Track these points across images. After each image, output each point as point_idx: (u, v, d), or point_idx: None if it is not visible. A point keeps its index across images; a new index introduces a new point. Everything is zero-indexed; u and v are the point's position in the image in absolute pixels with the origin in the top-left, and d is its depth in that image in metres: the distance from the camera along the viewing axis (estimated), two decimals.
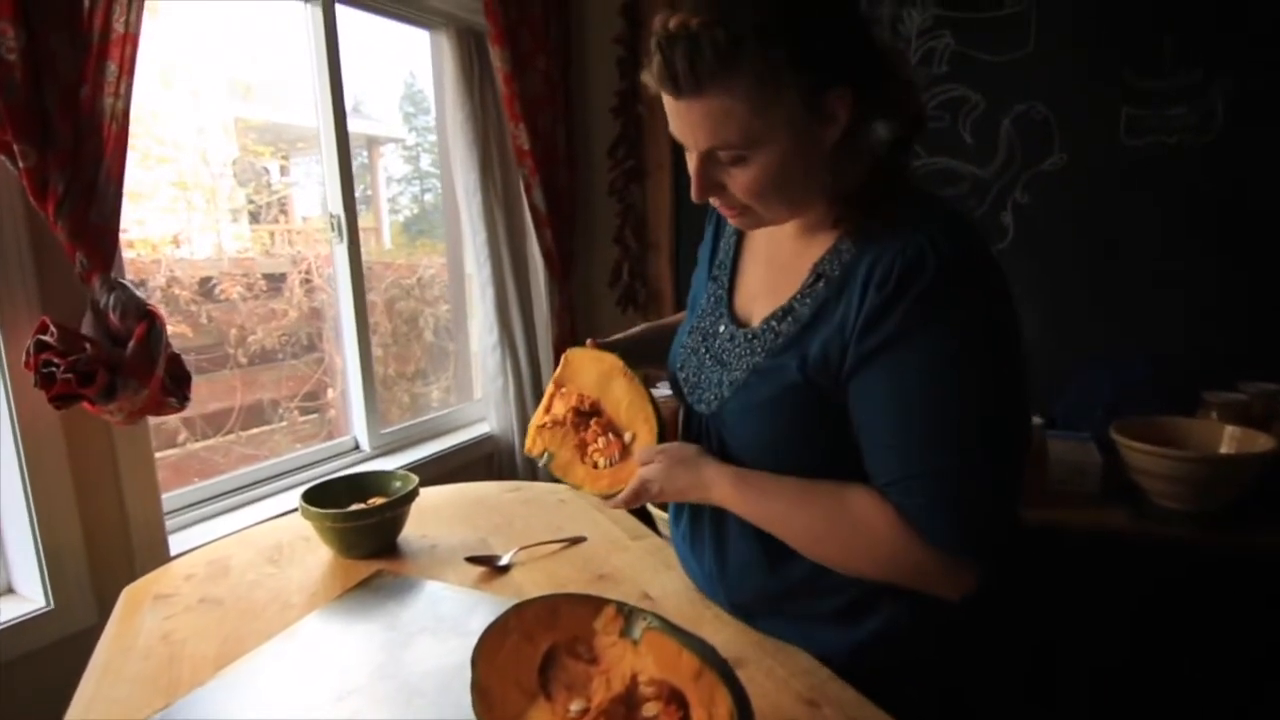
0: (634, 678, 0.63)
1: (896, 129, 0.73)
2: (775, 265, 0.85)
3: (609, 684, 0.63)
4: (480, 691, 0.64)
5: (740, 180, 0.72)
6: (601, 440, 0.92)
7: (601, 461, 0.91)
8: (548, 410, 0.97)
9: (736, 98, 0.66)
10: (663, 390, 1.74)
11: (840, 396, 0.74)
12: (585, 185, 2.43)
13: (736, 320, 0.87)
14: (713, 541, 0.89)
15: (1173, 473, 1.50)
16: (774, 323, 0.80)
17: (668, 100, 0.71)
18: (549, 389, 1.00)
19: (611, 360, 0.95)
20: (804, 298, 0.78)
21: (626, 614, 0.66)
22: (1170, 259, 1.85)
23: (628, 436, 0.91)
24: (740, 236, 0.93)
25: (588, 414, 0.94)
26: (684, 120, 0.71)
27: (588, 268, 2.48)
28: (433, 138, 2.28)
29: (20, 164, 1.06)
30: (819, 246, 0.78)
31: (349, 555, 1.08)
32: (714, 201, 0.78)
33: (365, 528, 1.07)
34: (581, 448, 0.93)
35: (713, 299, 0.92)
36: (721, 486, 0.80)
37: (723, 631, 0.86)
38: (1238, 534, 1.51)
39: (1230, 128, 1.77)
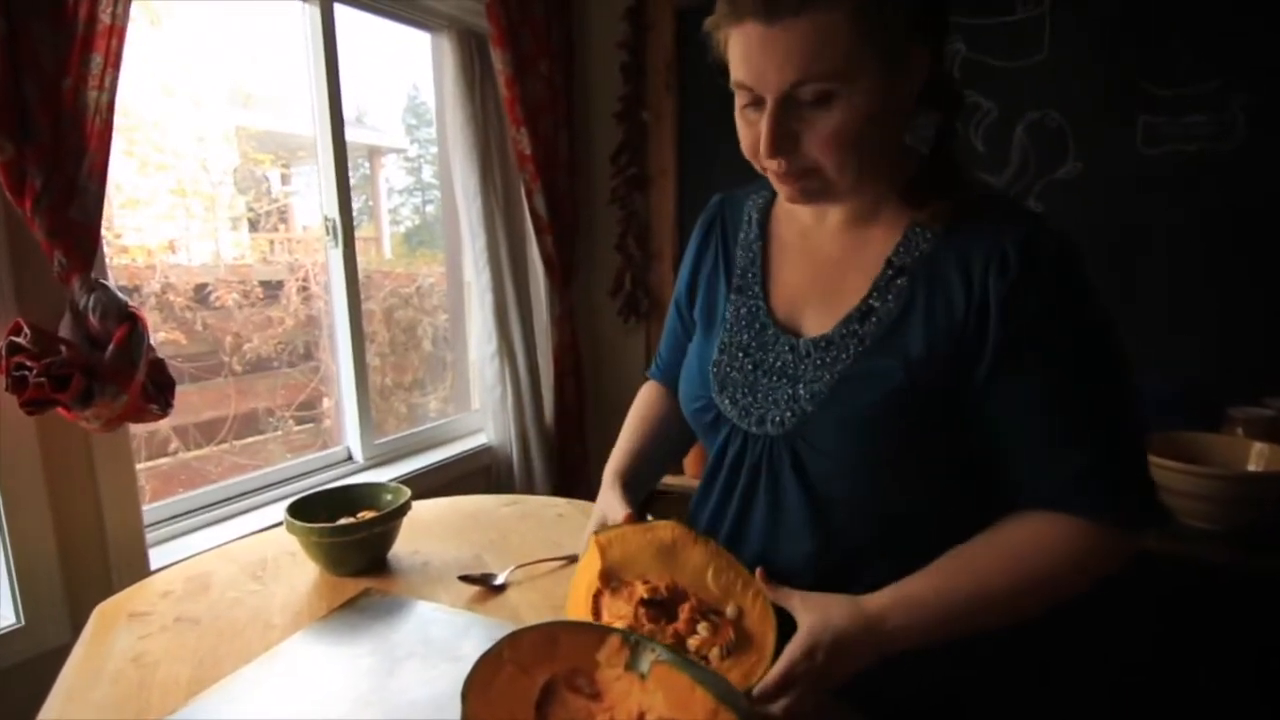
0: (641, 716, 0.57)
1: (947, 112, 0.72)
2: (822, 264, 0.78)
3: None
4: None
5: (822, 127, 0.65)
6: (702, 627, 0.70)
7: (715, 653, 0.69)
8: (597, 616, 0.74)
9: (842, 14, 0.61)
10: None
11: (957, 398, 0.69)
12: (587, 192, 2.38)
13: (785, 328, 0.79)
14: (763, 556, 0.78)
15: (1200, 490, 1.44)
16: (853, 325, 0.73)
17: (747, 37, 0.64)
18: (586, 589, 0.76)
19: (666, 527, 0.77)
20: (884, 295, 0.72)
21: (633, 645, 0.60)
22: (1190, 269, 1.80)
23: (730, 611, 0.72)
24: (765, 242, 0.84)
25: (662, 602, 0.73)
26: (772, 51, 0.63)
27: (589, 275, 2.44)
28: (435, 149, 2.24)
29: None
30: (881, 240, 0.74)
31: (336, 572, 1.03)
32: (778, 166, 0.69)
33: (353, 543, 1.01)
34: (677, 643, 0.70)
35: (745, 310, 0.82)
36: (894, 628, 0.66)
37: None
38: (1269, 554, 1.45)
39: (1251, 137, 1.72)
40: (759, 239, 0.85)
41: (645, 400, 1.01)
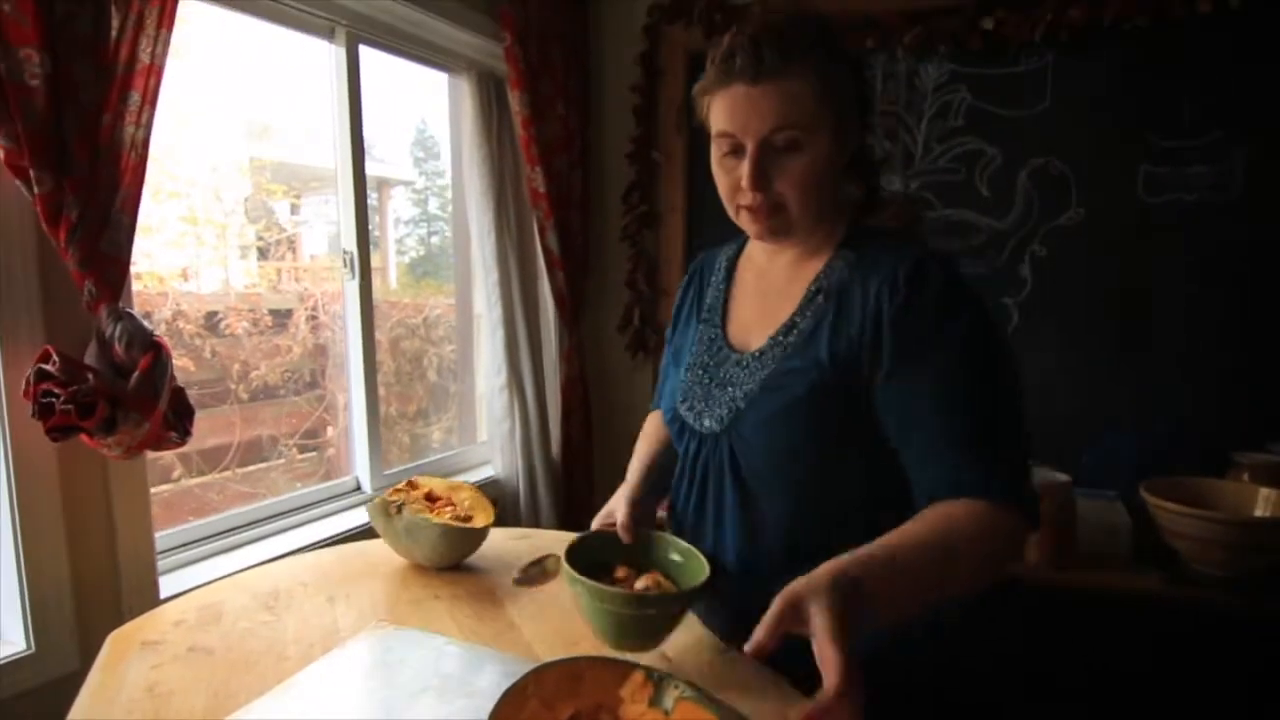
0: None
1: (866, 184, 0.92)
2: (769, 296, 0.93)
3: None
4: None
5: (791, 169, 0.82)
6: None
7: None
8: None
9: (810, 82, 0.80)
10: None
11: (859, 399, 0.81)
12: (599, 229, 2.43)
13: (735, 349, 0.93)
14: (738, 540, 0.90)
15: (1206, 535, 1.44)
16: (779, 338, 0.88)
17: (734, 95, 0.82)
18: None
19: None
20: (805, 312, 0.87)
21: (656, 681, 0.61)
22: (1193, 316, 1.82)
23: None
24: (729, 282, 1.00)
25: None
26: (757, 105, 0.81)
27: (598, 311, 2.47)
28: (441, 182, 2.29)
29: (35, 190, 1.04)
30: (811, 270, 0.89)
31: (617, 646, 0.83)
32: (753, 200, 0.84)
33: (653, 618, 0.81)
34: None
35: (706, 338, 0.98)
36: (857, 576, 0.66)
37: (750, 694, 0.80)
38: (1274, 599, 1.44)
39: (1250, 187, 1.76)
40: (724, 281, 1.01)
41: (653, 423, 1.15)
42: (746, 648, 0.61)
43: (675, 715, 0.59)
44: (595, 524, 0.99)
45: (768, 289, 0.94)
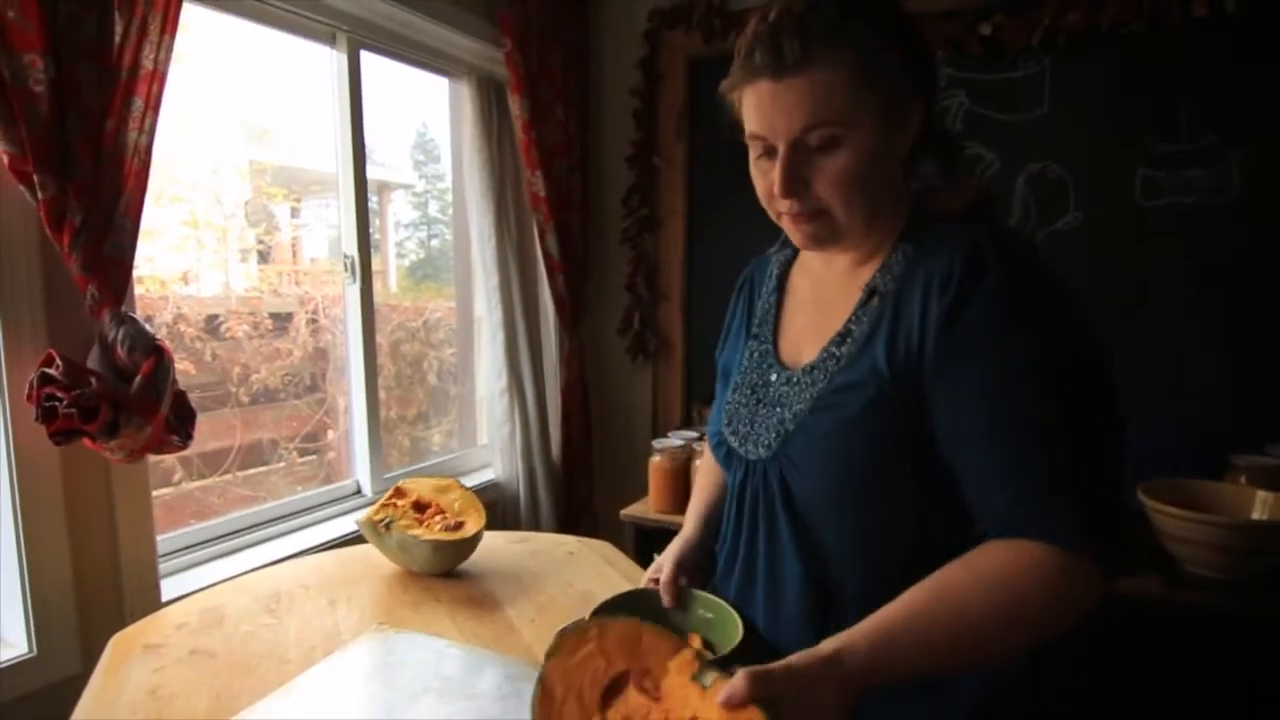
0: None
1: (946, 160, 0.79)
2: (822, 306, 0.83)
3: None
4: (545, 689, 0.63)
5: (829, 170, 0.71)
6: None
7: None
8: None
9: (841, 70, 0.69)
10: None
11: (920, 415, 0.71)
12: (598, 233, 2.44)
13: (784, 365, 0.84)
14: (766, 594, 0.82)
15: (1203, 538, 1.45)
16: (832, 349, 0.77)
17: (759, 93, 0.72)
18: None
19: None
20: (859, 318, 0.76)
21: (704, 662, 0.63)
22: (1190, 319, 1.83)
23: None
24: (781, 293, 0.91)
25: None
26: (781, 103, 0.71)
27: (598, 314, 2.47)
28: (441, 185, 2.30)
29: (39, 195, 1.05)
30: (869, 271, 0.78)
31: None
32: (790, 207, 0.75)
33: None
34: None
35: (756, 354, 0.89)
36: (857, 663, 0.62)
37: None
38: (1272, 602, 1.45)
39: (1246, 190, 1.77)
40: (776, 291, 0.91)
41: (706, 464, 1.07)
42: (720, 698, 0.57)
43: (712, 691, 0.60)
44: (644, 580, 0.95)
45: (821, 297, 0.84)
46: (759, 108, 0.73)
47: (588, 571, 1.17)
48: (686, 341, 2.42)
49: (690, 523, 1.00)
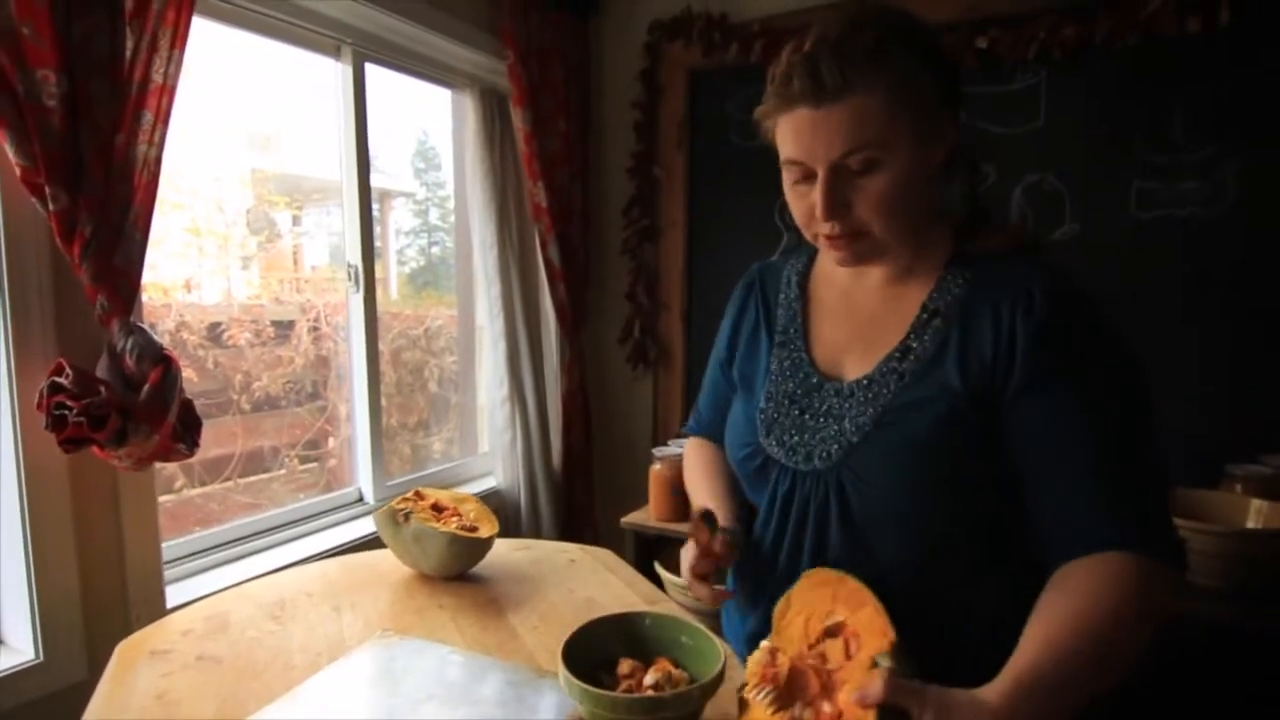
0: (840, 716, 0.66)
1: (968, 177, 0.83)
2: (861, 318, 0.85)
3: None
4: (789, 599, 0.75)
5: (870, 191, 0.74)
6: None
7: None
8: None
9: (879, 94, 0.71)
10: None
11: (991, 431, 0.74)
12: (599, 242, 2.46)
13: (827, 376, 0.85)
14: None
15: (1198, 546, 1.46)
16: (893, 364, 0.79)
17: (798, 120, 0.74)
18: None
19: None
20: (920, 336, 0.78)
21: (896, 651, 0.67)
22: (1185, 329, 1.84)
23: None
24: (804, 302, 0.91)
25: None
26: (821, 130, 0.73)
27: (599, 323, 2.49)
28: (442, 193, 2.32)
29: (51, 206, 1.07)
30: (917, 291, 0.81)
31: None
32: (831, 229, 0.77)
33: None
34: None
35: (789, 362, 0.88)
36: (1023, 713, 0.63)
37: None
38: (1267, 611, 1.46)
39: (1241, 202, 1.79)
40: (799, 298, 0.92)
41: (705, 453, 1.06)
42: (854, 697, 0.63)
43: (873, 673, 0.65)
44: (694, 516, 0.89)
45: (857, 310, 0.86)
46: (798, 135, 0.74)
47: (589, 579, 1.18)
48: (686, 350, 2.43)
49: (711, 498, 0.96)
